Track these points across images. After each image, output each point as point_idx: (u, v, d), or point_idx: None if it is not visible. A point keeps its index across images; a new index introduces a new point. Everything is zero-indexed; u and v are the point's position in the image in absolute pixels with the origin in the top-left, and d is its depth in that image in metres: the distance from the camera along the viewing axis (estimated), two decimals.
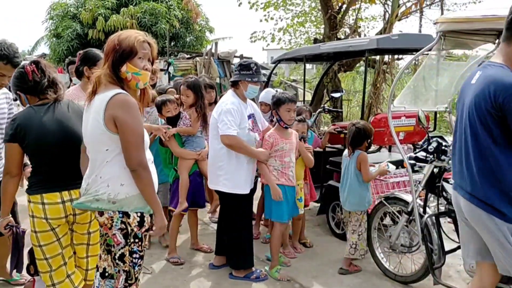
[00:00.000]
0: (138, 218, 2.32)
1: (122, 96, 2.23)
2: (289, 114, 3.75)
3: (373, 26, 12.93)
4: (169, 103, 4.11)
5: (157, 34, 17.57)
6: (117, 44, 2.26)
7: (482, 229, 2.33)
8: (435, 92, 3.86)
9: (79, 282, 2.82)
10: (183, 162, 4.08)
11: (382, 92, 10.21)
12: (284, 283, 3.80)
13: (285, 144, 3.78)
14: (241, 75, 3.80)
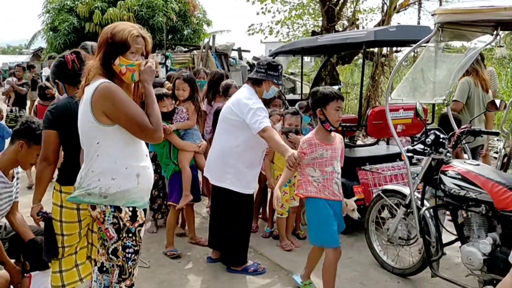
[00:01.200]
0: (130, 213, 2.31)
1: (104, 85, 2.19)
2: (337, 113, 3.18)
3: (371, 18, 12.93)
4: (165, 98, 4.06)
5: (154, 27, 17.51)
6: (110, 37, 2.23)
7: None
8: (433, 84, 3.84)
9: (86, 275, 2.83)
10: (184, 155, 4.06)
11: (380, 84, 10.21)
12: (282, 276, 3.80)
13: (326, 150, 3.18)
14: (268, 75, 3.67)
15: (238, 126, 3.61)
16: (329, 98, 3.15)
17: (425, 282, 3.62)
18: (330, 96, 3.16)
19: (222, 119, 3.81)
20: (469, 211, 3.15)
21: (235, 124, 3.64)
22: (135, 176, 2.29)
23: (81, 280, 2.85)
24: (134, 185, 2.29)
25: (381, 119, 4.69)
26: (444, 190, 3.26)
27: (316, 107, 3.21)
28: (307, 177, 3.23)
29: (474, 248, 3.04)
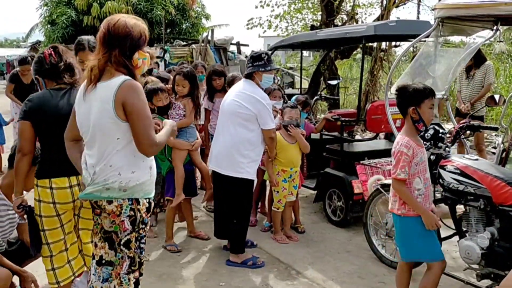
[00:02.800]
0: (147, 204, 2.38)
1: (130, 82, 2.23)
2: (432, 112, 2.87)
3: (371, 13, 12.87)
4: (160, 93, 4.05)
5: (152, 20, 17.45)
6: (132, 32, 2.26)
7: None
8: (433, 79, 3.85)
9: (79, 268, 2.85)
10: (177, 153, 4.06)
11: (379, 79, 10.23)
12: (281, 270, 3.82)
13: (422, 153, 2.89)
14: (254, 67, 3.81)
15: (251, 119, 3.76)
16: (424, 95, 2.81)
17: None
18: (425, 92, 2.81)
19: (229, 113, 3.84)
20: (467, 206, 3.17)
21: (248, 118, 3.76)
22: (149, 169, 2.38)
23: (74, 275, 2.87)
24: (148, 177, 2.36)
25: (380, 114, 4.71)
26: (443, 185, 3.28)
27: (408, 105, 2.85)
28: (413, 192, 2.86)
29: (472, 242, 3.06)
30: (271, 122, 3.81)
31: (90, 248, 2.85)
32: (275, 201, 4.37)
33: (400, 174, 2.76)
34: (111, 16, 2.36)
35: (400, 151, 2.78)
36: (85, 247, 2.90)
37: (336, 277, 3.68)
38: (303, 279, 3.65)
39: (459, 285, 3.43)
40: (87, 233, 2.88)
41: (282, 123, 4.28)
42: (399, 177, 2.77)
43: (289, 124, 4.25)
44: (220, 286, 3.54)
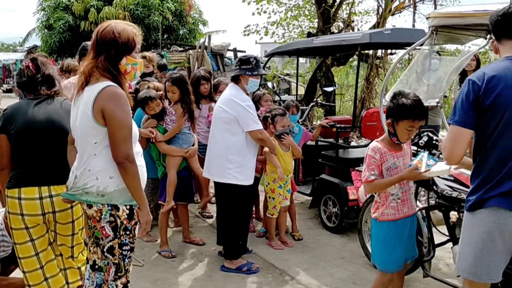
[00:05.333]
0: (128, 211, 2.33)
1: (112, 89, 2.23)
2: (408, 133, 2.78)
3: (367, 21, 12.91)
4: (150, 102, 4.06)
5: (150, 26, 17.51)
6: (118, 37, 2.26)
7: None
8: (427, 87, 3.88)
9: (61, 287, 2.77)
10: (170, 159, 4.05)
11: (375, 86, 10.27)
12: (276, 275, 3.82)
13: (397, 158, 2.83)
14: (241, 70, 3.83)
15: (232, 123, 3.75)
16: (405, 116, 2.68)
17: (417, 282, 3.66)
18: (407, 113, 2.68)
19: (215, 120, 3.90)
20: (461, 212, 3.19)
21: (229, 122, 3.76)
22: None
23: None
24: None
25: (375, 121, 4.74)
26: (436, 191, 3.30)
27: (388, 115, 2.80)
28: (388, 197, 2.85)
29: None
30: (254, 123, 3.74)
31: (72, 262, 2.81)
32: (270, 208, 4.35)
33: (369, 176, 2.81)
34: (104, 22, 2.38)
35: (368, 155, 2.84)
36: (67, 261, 2.81)
37: (331, 283, 3.69)
38: (298, 285, 3.66)
39: None
40: (66, 249, 2.78)
41: (275, 133, 4.25)
42: (368, 180, 2.82)
43: (283, 132, 4.26)
44: None
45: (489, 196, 2.20)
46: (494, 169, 2.19)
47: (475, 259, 2.28)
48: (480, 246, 2.25)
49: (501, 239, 2.20)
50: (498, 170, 2.18)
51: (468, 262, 2.31)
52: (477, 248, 2.26)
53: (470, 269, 2.31)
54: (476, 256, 2.27)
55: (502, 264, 2.27)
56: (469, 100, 2.16)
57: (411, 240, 2.99)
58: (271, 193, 4.32)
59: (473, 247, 2.28)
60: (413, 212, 2.94)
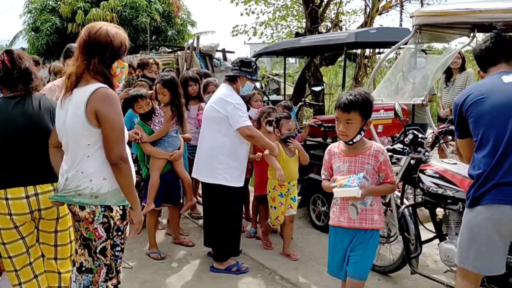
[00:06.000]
0: (121, 212, 2.35)
1: (104, 90, 2.23)
2: (338, 124, 2.67)
3: (354, 20, 13.01)
4: (140, 100, 4.03)
5: (138, 27, 17.42)
6: (113, 40, 2.28)
7: None
8: (412, 85, 3.91)
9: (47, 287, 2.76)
10: (154, 161, 4.01)
11: (363, 86, 10.32)
12: (265, 275, 3.83)
13: (343, 162, 2.68)
14: (241, 71, 3.81)
15: (223, 123, 3.71)
16: (336, 106, 2.71)
17: (405, 279, 3.68)
18: (337, 103, 2.68)
19: (206, 120, 3.87)
20: (447, 209, 3.22)
21: (219, 122, 3.72)
22: None
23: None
24: None
25: None
26: (422, 189, 3.33)
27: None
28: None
29: (452, 245, 3.11)
30: (242, 120, 3.66)
31: (53, 264, 2.78)
32: (273, 218, 4.12)
33: (322, 175, 2.89)
34: (93, 23, 2.38)
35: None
36: (48, 262, 2.78)
37: (320, 281, 3.70)
38: (287, 284, 3.67)
39: (440, 287, 3.47)
40: (49, 248, 2.75)
41: (281, 137, 4.11)
42: (322, 178, 2.86)
43: (289, 137, 4.04)
44: None
45: (484, 190, 2.33)
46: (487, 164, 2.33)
47: (477, 253, 2.40)
48: (480, 242, 2.38)
49: (497, 234, 2.32)
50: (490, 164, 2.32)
51: (471, 256, 2.43)
52: (479, 243, 2.39)
53: (473, 262, 2.43)
54: (477, 251, 2.40)
55: (502, 257, 2.39)
56: None
57: (351, 257, 2.70)
58: (271, 202, 4.10)
59: (474, 242, 2.41)
60: (351, 226, 2.67)
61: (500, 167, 2.29)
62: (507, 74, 2.47)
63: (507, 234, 2.32)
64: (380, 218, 2.69)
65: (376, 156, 2.62)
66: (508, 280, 2.85)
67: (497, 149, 2.30)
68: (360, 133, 2.59)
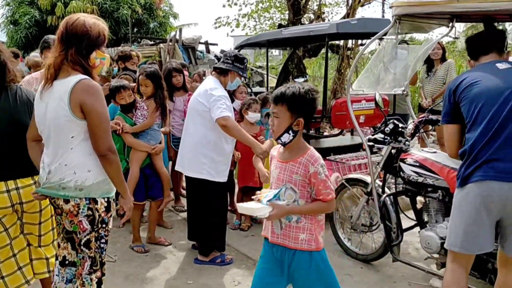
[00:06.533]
0: (106, 203, 2.35)
1: (87, 82, 2.22)
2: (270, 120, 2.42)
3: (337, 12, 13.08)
4: (123, 90, 3.98)
5: (119, 20, 17.21)
6: (90, 31, 2.25)
7: None
8: (393, 76, 3.94)
9: (32, 277, 2.76)
10: (135, 154, 3.98)
11: (346, 77, 10.37)
12: (249, 266, 3.84)
13: (275, 168, 2.36)
14: (234, 67, 3.78)
15: (207, 116, 3.66)
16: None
17: (387, 266, 3.74)
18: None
19: (191, 112, 3.84)
20: (427, 197, 3.28)
21: (204, 115, 3.68)
22: None
23: (27, 282, 2.76)
24: (106, 176, 2.32)
25: (345, 110, 4.80)
26: (403, 178, 3.38)
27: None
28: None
29: (432, 233, 3.17)
30: (219, 111, 3.53)
31: (41, 251, 2.79)
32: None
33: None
34: (71, 15, 2.36)
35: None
36: (36, 250, 2.79)
37: None
38: None
39: (421, 274, 3.54)
40: (34, 238, 2.76)
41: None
42: None
43: None
44: (188, 284, 3.54)
45: (474, 167, 2.39)
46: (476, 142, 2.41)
47: (465, 233, 2.45)
48: (470, 220, 2.43)
49: (486, 212, 2.38)
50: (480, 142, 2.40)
51: (459, 237, 2.48)
52: (467, 223, 2.44)
53: (461, 244, 2.48)
54: (466, 231, 2.45)
55: (490, 235, 2.44)
56: None
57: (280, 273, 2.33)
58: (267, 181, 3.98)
59: (463, 222, 2.46)
60: (275, 241, 2.32)
61: (491, 146, 2.37)
62: (500, 62, 2.57)
63: (495, 211, 2.38)
64: (311, 238, 2.26)
65: (306, 166, 2.20)
66: (487, 266, 2.93)
67: (490, 128, 2.38)
68: (288, 132, 2.23)
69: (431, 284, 3.44)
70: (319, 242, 2.31)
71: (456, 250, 2.51)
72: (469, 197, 2.42)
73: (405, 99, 5.11)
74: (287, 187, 2.26)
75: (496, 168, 2.34)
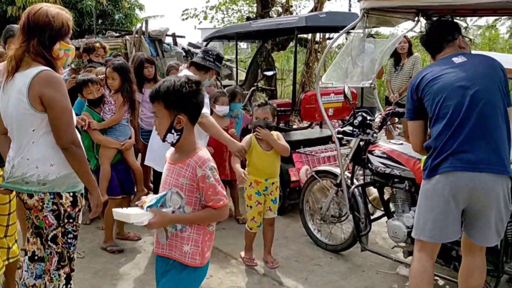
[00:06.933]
0: (71, 198, 2.30)
1: (47, 73, 2.17)
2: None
3: (305, 6, 13.15)
4: (91, 84, 3.86)
5: (83, 11, 16.76)
6: (52, 21, 2.20)
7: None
8: (361, 69, 4.01)
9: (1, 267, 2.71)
10: (105, 151, 3.88)
11: (314, 71, 10.47)
12: (221, 259, 3.85)
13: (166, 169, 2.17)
14: (216, 66, 3.71)
15: None
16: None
17: (356, 256, 3.82)
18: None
19: None
20: (394, 188, 3.36)
21: None
22: None
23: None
24: (71, 170, 2.27)
25: (314, 103, 4.86)
26: (371, 169, 3.46)
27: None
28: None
29: (399, 222, 3.26)
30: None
31: (5, 241, 2.74)
32: (248, 219, 3.66)
33: None
34: (34, 5, 2.30)
35: None
36: (1, 241, 2.75)
37: None
38: (242, 267, 3.71)
39: (388, 262, 3.64)
40: (1, 228, 2.73)
41: (250, 126, 3.80)
42: None
43: (257, 125, 3.55)
44: None
45: (441, 159, 2.45)
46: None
47: (433, 223, 2.52)
48: (438, 210, 2.50)
49: (453, 201, 2.45)
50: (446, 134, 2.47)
51: (428, 227, 2.54)
52: (436, 213, 2.51)
53: (429, 233, 2.54)
54: (435, 220, 2.51)
55: (457, 224, 2.52)
56: None
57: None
58: (248, 200, 3.63)
59: (432, 212, 2.52)
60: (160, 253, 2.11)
61: (456, 137, 2.43)
62: (456, 56, 2.62)
63: (462, 201, 2.46)
64: (196, 251, 2.02)
65: (194, 169, 1.99)
66: (451, 254, 3.04)
67: (454, 121, 2.44)
68: (171, 132, 2.02)
69: (398, 272, 3.54)
70: (205, 257, 2.05)
71: (425, 239, 2.58)
72: (437, 187, 2.48)
73: (372, 93, 5.22)
74: (173, 192, 2.02)
75: (463, 159, 2.41)
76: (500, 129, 2.45)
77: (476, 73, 2.50)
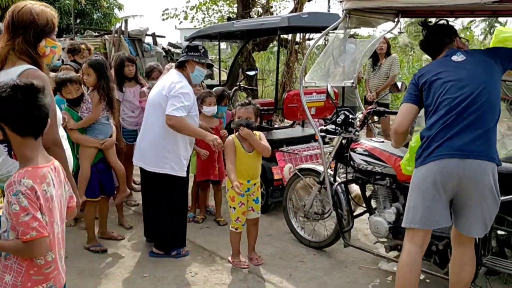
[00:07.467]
0: None
1: (32, 72, 2.15)
2: None
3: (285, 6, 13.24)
4: (69, 84, 3.80)
5: (61, 10, 16.49)
6: (37, 19, 2.19)
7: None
8: (342, 69, 4.08)
9: None
10: (84, 151, 3.82)
11: (294, 71, 10.57)
12: (205, 257, 3.87)
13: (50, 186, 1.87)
14: (188, 56, 3.71)
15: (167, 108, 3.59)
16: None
17: (339, 252, 3.89)
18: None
19: (152, 106, 3.72)
20: (376, 184, 3.44)
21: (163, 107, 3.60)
22: None
23: None
24: None
25: (296, 102, 4.92)
26: (353, 166, 3.53)
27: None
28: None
29: (381, 218, 3.34)
30: (172, 109, 3.47)
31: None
32: (233, 220, 3.67)
33: None
34: (18, 3, 2.29)
35: None
36: None
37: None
38: (227, 265, 3.73)
39: (371, 258, 3.72)
40: None
41: (232, 126, 3.81)
42: None
43: (239, 125, 3.54)
44: (144, 277, 3.51)
45: (433, 147, 2.54)
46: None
47: (424, 209, 2.60)
48: (429, 196, 2.58)
49: (443, 188, 2.54)
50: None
51: (419, 213, 2.62)
52: (427, 199, 2.59)
53: (420, 219, 2.62)
54: (426, 206, 2.59)
55: (447, 210, 2.61)
56: None
57: None
58: (231, 201, 3.63)
59: (423, 198, 2.59)
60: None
61: (450, 129, 2.52)
62: (455, 54, 2.72)
63: (451, 189, 2.55)
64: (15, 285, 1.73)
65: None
66: (431, 248, 3.12)
67: (450, 115, 2.53)
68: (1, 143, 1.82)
69: (379, 267, 3.62)
70: None
71: (416, 227, 2.65)
72: (428, 174, 2.56)
73: (353, 92, 5.32)
74: (2, 214, 1.75)
75: (453, 147, 2.50)
76: (494, 124, 2.57)
77: (475, 71, 2.60)
